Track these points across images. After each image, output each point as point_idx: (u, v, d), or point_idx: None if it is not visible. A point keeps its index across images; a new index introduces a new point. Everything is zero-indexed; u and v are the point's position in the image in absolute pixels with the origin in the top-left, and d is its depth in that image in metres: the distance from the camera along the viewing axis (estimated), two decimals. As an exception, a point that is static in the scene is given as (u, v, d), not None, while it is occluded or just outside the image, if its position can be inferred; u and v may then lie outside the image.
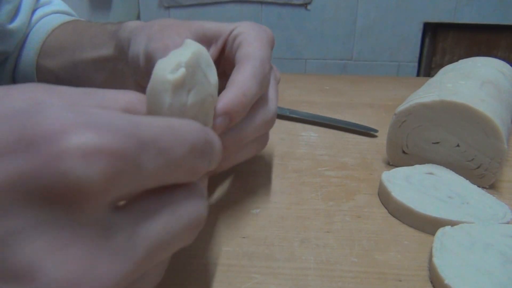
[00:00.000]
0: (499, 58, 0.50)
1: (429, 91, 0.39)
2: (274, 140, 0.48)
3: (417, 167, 0.38)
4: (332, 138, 0.49)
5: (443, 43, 1.47)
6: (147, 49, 0.30)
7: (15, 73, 0.46)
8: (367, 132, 0.50)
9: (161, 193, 0.17)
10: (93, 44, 0.38)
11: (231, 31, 0.31)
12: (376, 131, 0.50)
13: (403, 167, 0.38)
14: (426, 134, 0.39)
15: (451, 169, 0.38)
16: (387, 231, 0.32)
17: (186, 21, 0.32)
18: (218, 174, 0.37)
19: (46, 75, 0.43)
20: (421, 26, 1.45)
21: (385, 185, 0.35)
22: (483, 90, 0.39)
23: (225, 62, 0.32)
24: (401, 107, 0.39)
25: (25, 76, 0.44)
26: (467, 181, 0.36)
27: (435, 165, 0.38)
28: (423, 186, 0.35)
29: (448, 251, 0.27)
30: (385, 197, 0.35)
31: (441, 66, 0.57)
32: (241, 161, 0.30)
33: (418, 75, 1.51)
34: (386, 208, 0.35)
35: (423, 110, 0.38)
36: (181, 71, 0.19)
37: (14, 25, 0.43)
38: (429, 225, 0.31)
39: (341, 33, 1.48)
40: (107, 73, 0.37)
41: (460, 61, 0.52)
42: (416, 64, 1.51)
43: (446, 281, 0.25)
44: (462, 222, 0.30)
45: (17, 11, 0.44)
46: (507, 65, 0.50)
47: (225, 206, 0.34)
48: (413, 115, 0.38)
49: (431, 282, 0.26)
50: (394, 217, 0.33)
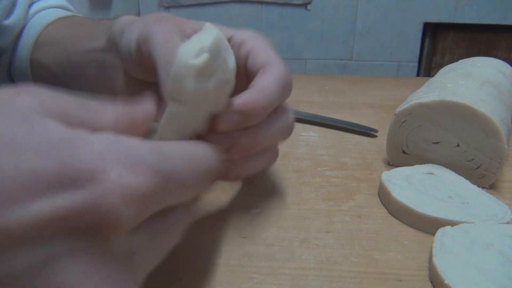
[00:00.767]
0: (499, 58, 0.50)
1: (429, 91, 0.39)
2: (274, 140, 0.48)
3: (417, 167, 0.38)
4: (332, 138, 0.49)
5: (443, 43, 1.47)
6: (141, 33, 0.29)
7: (11, 69, 0.45)
8: (367, 132, 0.50)
9: (163, 215, 0.18)
10: (86, 37, 0.38)
11: (230, 37, 0.31)
12: (376, 131, 0.50)
13: (403, 167, 0.38)
14: (426, 134, 0.39)
15: (451, 169, 0.38)
16: (387, 231, 0.32)
17: (183, 18, 0.32)
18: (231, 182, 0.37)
19: (40, 69, 0.43)
20: (421, 26, 1.45)
21: (385, 185, 0.35)
22: (483, 90, 0.39)
23: None
24: (401, 107, 0.39)
25: (21, 71, 0.44)
26: (467, 181, 0.36)
27: (435, 165, 0.38)
28: (423, 186, 0.35)
29: (448, 251, 0.27)
30: (385, 197, 0.35)
31: (441, 66, 0.57)
32: (254, 171, 0.30)
33: (418, 75, 1.51)
34: (386, 208, 0.35)
35: (423, 110, 0.38)
36: (205, 56, 0.19)
37: (9, 20, 0.42)
38: (429, 225, 0.31)
39: (341, 33, 1.48)
40: (98, 65, 0.37)
41: (460, 61, 0.52)
42: (416, 64, 1.51)
43: (446, 281, 0.25)
44: (462, 222, 0.30)
45: (13, 7, 0.43)
46: (507, 65, 0.50)
47: (225, 206, 0.34)
48: (413, 115, 0.38)
49: (431, 282, 0.26)
50: (394, 217, 0.33)
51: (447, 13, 1.42)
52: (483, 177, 0.37)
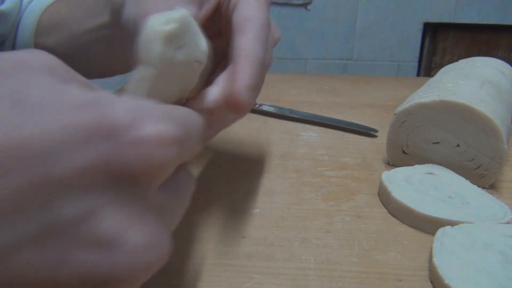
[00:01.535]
0: (499, 58, 0.50)
1: (429, 91, 0.39)
2: (274, 140, 0.48)
3: (417, 167, 0.38)
4: (332, 138, 0.49)
5: (443, 43, 1.47)
6: (138, 13, 0.28)
7: None
8: (367, 132, 0.50)
9: (176, 176, 0.19)
10: (89, 14, 0.37)
11: None
12: (376, 131, 0.50)
13: (403, 167, 0.38)
14: (426, 134, 0.39)
15: (451, 169, 0.38)
16: (387, 231, 0.32)
17: None
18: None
19: None
20: (421, 26, 1.45)
21: (385, 185, 0.35)
22: (483, 90, 0.39)
23: (221, 21, 0.30)
24: (401, 107, 0.39)
25: None
26: (467, 181, 0.36)
27: (435, 165, 0.38)
28: (423, 186, 0.35)
29: (448, 251, 0.27)
30: (385, 197, 0.35)
31: (441, 66, 0.57)
32: (224, 128, 0.30)
33: (418, 75, 1.51)
34: (386, 208, 0.35)
35: (423, 110, 0.38)
36: (173, 25, 0.21)
37: (4, 6, 0.41)
38: (429, 225, 0.31)
39: (341, 33, 1.48)
40: (106, 41, 0.36)
41: (460, 61, 0.52)
42: (416, 64, 1.51)
43: (446, 281, 0.25)
44: (462, 222, 0.30)
45: None
46: (507, 65, 0.50)
47: (225, 206, 0.34)
48: (413, 115, 0.38)
49: (431, 282, 0.26)
50: (394, 217, 0.33)
51: (447, 13, 1.43)
52: (483, 177, 0.37)
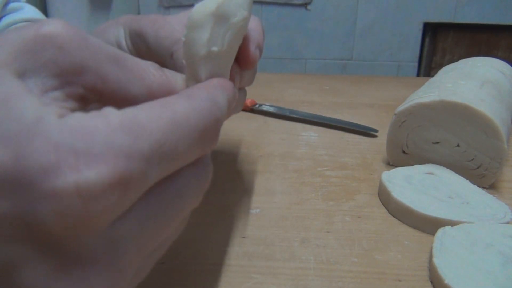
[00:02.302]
0: (499, 58, 0.50)
1: (429, 91, 0.39)
2: (274, 140, 0.48)
3: (417, 167, 0.38)
4: (332, 138, 0.49)
5: (443, 43, 1.47)
6: (133, 29, 0.27)
7: None
8: (367, 132, 0.50)
9: (166, 182, 0.16)
10: None
11: None
12: (376, 131, 0.50)
13: (403, 167, 0.38)
14: (426, 134, 0.39)
15: (451, 169, 0.38)
16: (387, 231, 0.32)
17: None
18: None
19: None
20: (421, 26, 1.45)
21: (385, 185, 0.35)
22: (483, 90, 0.39)
23: None
24: (401, 107, 0.39)
25: None
26: (467, 181, 0.36)
27: (435, 165, 0.38)
28: (423, 186, 0.35)
29: (448, 251, 0.27)
30: (385, 197, 0.35)
31: (441, 66, 0.57)
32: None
33: (418, 75, 1.51)
34: (386, 208, 0.35)
35: (423, 110, 0.38)
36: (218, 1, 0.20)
37: None
38: (429, 225, 0.31)
39: (341, 33, 1.48)
40: None
41: (460, 61, 0.52)
42: (416, 64, 1.51)
43: (446, 281, 0.25)
44: (462, 222, 0.30)
45: None
46: (507, 65, 0.50)
47: (225, 206, 0.34)
48: (413, 115, 0.38)
49: (431, 282, 0.26)
50: (394, 217, 0.33)
51: (447, 13, 1.42)
52: (483, 177, 0.37)
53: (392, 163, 0.42)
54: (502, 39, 1.44)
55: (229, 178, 0.39)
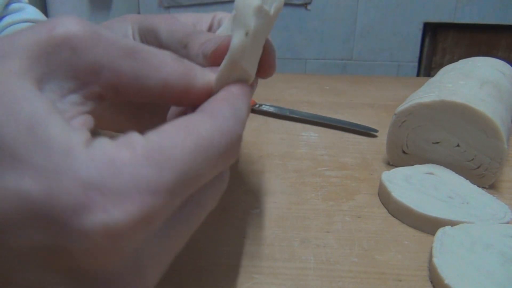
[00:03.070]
0: (499, 58, 0.50)
1: (429, 91, 0.39)
2: (274, 140, 0.48)
3: (417, 167, 0.38)
4: (332, 138, 0.49)
5: (443, 43, 1.47)
6: (144, 25, 0.27)
7: None
8: (367, 132, 0.50)
9: (187, 199, 0.16)
10: None
11: (214, 16, 0.32)
12: (376, 131, 0.50)
13: (403, 167, 0.38)
14: (426, 134, 0.39)
15: (451, 169, 0.38)
16: (387, 231, 0.32)
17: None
18: None
19: None
20: (421, 26, 1.45)
21: (385, 185, 0.35)
22: (483, 90, 0.39)
23: None
24: (401, 107, 0.39)
25: None
26: (467, 181, 0.36)
27: (435, 165, 0.38)
28: (423, 186, 0.35)
29: (448, 251, 0.27)
30: (385, 197, 0.35)
31: (441, 66, 0.57)
32: None
33: (418, 75, 1.51)
34: (386, 208, 0.35)
35: (423, 110, 0.38)
36: None
37: None
38: (429, 225, 0.31)
39: (341, 33, 1.48)
40: None
41: (460, 61, 0.52)
42: (416, 64, 1.51)
43: (446, 281, 0.25)
44: (462, 222, 0.30)
45: None
46: (507, 65, 0.50)
47: (225, 206, 0.34)
48: (413, 115, 0.38)
49: (431, 282, 0.26)
50: (394, 217, 0.33)
51: (447, 13, 1.42)
52: (483, 177, 0.37)
53: (392, 163, 0.42)
54: (502, 39, 1.44)
55: (229, 178, 0.39)
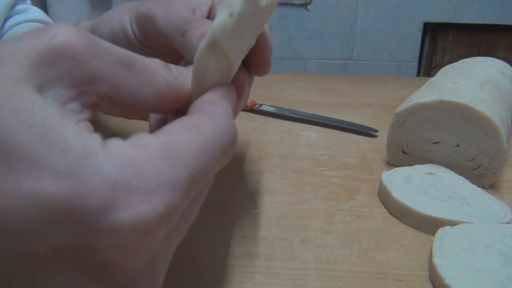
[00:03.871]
0: (499, 58, 0.50)
1: (429, 91, 0.39)
2: (274, 140, 0.48)
3: (417, 167, 0.38)
4: (332, 138, 0.49)
5: (443, 43, 1.47)
6: (141, 12, 0.27)
7: None
8: (367, 132, 0.50)
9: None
10: None
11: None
12: (376, 131, 0.50)
13: (403, 167, 0.38)
14: (426, 134, 0.39)
15: (451, 169, 0.38)
16: (387, 231, 0.32)
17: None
18: None
19: None
20: (421, 26, 1.45)
21: (385, 185, 0.35)
22: (483, 90, 0.39)
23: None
24: (401, 107, 0.39)
25: None
26: (467, 181, 0.36)
27: (435, 165, 0.38)
28: (423, 186, 0.35)
29: (448, 251, 0.27)
30: (385, 197, 0.35)
31: (441, 66, 0.57)
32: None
33: (418, 75, 1.51)
34: (386, 208, 0.35)
35: (423, 110, 0.38)
36: None
37: None
38: (429, 225, 0.31)
39: (341, 33, 1.48)
40: None
41: (460, 61, 0.52)
42: (416, 64, 1.51)
43: (446, 281, 0.25)
44: (462, 222, 0.30)
45: None
46: (507, 65, 0.50)
47: (225, 206, 0.34)
48: (413, 115, 0.38)
49: (431, 282, 0.26)
50: (394, 217, 0.33)
51: (447, 13, 1.42)
52: (483, 177, 0.37)
53: (392, 163, 0.42)
54: (502, 39, 1.44)
55: (229, 178, 0.39)
